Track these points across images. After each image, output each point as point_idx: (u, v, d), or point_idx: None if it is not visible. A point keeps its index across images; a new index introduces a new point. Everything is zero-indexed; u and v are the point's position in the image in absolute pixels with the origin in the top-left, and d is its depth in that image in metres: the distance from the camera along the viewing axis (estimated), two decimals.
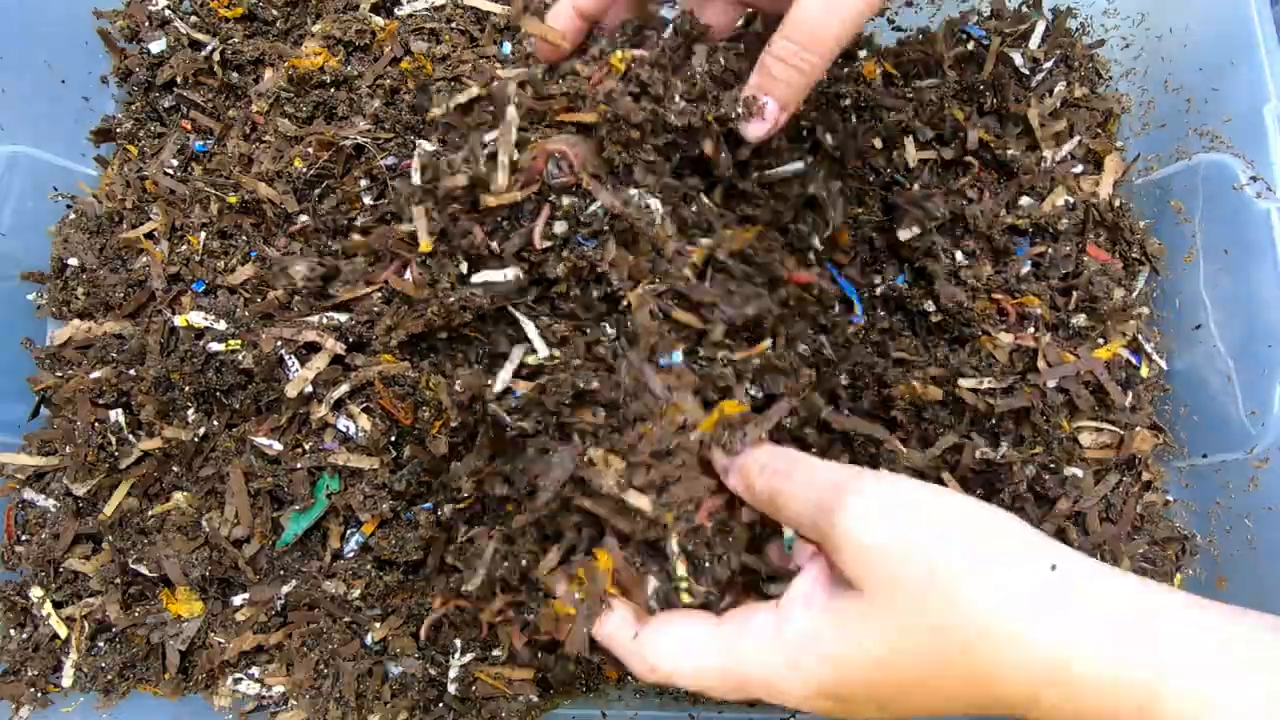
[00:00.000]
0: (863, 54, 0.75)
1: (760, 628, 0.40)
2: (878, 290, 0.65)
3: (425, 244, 0.49)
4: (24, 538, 0.65)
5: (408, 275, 0.61)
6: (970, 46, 0.72)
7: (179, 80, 0.72)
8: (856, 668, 0.36)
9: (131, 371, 0.64)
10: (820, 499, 0.38)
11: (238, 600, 0.62)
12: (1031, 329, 0.63)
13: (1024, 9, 0.73)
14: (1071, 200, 0.69)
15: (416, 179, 0.51)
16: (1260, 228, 0.59)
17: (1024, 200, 0.70)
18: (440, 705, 0.60)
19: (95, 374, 0.65)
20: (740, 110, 0.48)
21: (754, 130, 0.48)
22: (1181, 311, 0.66)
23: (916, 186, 0.66)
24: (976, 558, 0.34)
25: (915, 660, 0.35)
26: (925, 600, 0.34)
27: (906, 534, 0.35)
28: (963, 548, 0.35)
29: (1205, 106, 0.66)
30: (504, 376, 0.48)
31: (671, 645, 0.42)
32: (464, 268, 0.50)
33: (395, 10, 0.74)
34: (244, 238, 0.69)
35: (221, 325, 0.63)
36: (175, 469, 0.64)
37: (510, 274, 0.49)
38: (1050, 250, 0.67)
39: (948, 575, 0.34)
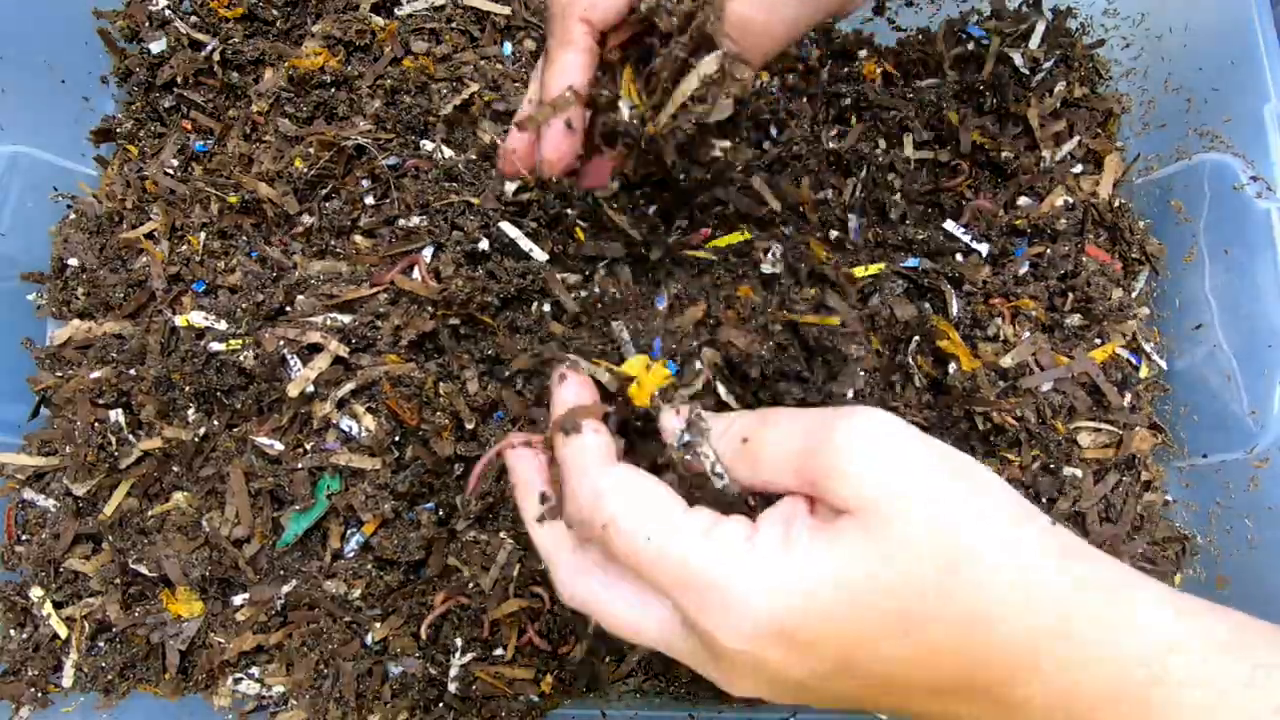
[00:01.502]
0: (863, 54, 0.75)
1: (731, 530, 0.33)
2: None
3: None
4: (24, 538, 0.65)
5: (415, 274, 0.61)
6: (970, 46, 0.72)
7: (179, 80, 0.72)
8: (829, 589, 0.30)
9: (131, 371, 0.64)
10: (807, 435, 0.34)
11: (238, 600, 0.62)
12: (1027, 331, 0.63)
13: (1024, 9, 0.73)
14: (1071, 200, 0.69)
15: None
16: (1260, 228, 0.59)
17: (1023, 200, 0.69)
18: (440, 705, 0.60)
19: (95, 374, 0.65)
20: None
21: None
22: (1181, 311, 0.66)
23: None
24: (980, 497, 0.32)
25: (904, 585, 0.30)
26: (929, 523, 0.30)
27: (906, 458, 0.32)
28: (965, 485, 0.32)
29: (1205, 106, 0.66)
30: None
31: (632, 482, 0.35)
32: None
33: (395, 10, 0.74)
34: (244, 238, 0.69)
35: (222, 325, 0.63)
36: (175, 469, 0.64)
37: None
38: (1049, 250, 0.67)
39: (954, 504, 0.31)
